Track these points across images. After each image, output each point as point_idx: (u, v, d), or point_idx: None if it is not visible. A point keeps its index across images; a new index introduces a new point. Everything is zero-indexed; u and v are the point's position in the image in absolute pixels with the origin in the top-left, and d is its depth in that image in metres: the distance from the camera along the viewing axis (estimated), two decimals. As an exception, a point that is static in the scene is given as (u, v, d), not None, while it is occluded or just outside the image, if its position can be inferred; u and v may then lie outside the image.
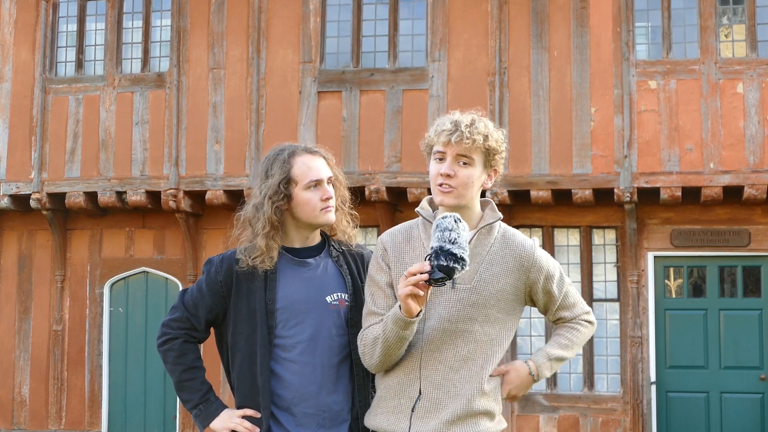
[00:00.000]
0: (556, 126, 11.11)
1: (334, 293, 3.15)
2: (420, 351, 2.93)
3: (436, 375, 2.92)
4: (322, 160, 3.17)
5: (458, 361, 2.92)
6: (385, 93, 11.50)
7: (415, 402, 2.92)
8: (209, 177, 11.68)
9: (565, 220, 11.50)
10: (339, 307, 3.15)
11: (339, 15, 11.83)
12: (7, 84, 12.35)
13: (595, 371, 11.42)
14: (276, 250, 3.11)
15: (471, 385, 2.91)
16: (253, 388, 3.08)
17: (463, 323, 2.91)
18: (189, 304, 3.16)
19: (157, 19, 12.27)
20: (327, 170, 3.17)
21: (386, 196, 11.30)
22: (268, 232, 3.10)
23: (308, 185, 3.12)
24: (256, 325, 3.08)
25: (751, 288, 11.37)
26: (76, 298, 12.52)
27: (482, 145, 2.92)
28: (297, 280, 3.13)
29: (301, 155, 3.15)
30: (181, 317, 3.16)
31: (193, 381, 3.15)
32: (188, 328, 3.16)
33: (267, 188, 3.13)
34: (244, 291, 3.11)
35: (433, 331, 2.92)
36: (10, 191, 12.13)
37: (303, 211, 3.13)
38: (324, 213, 3.13)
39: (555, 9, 11.27)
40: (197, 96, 11.87)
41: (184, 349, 3.15)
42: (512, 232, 3.06)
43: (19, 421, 12.58)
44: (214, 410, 3.13)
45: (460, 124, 2.92)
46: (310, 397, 3.08)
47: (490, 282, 2.94)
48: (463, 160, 2.92)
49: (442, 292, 2.92)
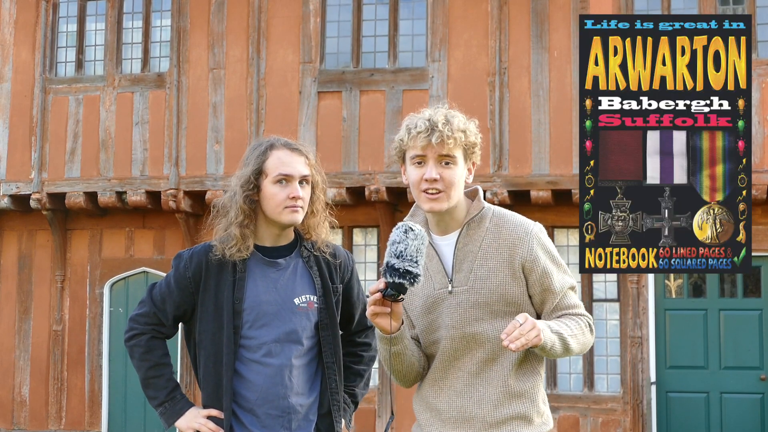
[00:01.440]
0: (556, 126, 11.11)
1: (303, 295, 3.11)
2: (439, 362, 2.85)
3: (458, 383, 2.82)
4: (301, 159, 3.10)
5: (477, 365, 2.80)
6: (385, 93, 11.50)
7: (443, 414, 2.84)
8: (209, 177, 11.68)
9: (565, 220, 11.49)
10: (308, 309, 3.10)
11: (339, 15, 11.83)
12: (7, 84, 12.34)
13: (595, 371, 11.42)
14: (251, 239, 3.06)
15: (495, 388, 2.78)
16: (217, 388, 3.06)
17: (469, 326, 2.79)
18: (157, 299, 3.12)
19: (157, 19, 12.26)
20: (303, 169, 3.08)
21: (386, 196, 11.30)
22: (241, 221, 3.05)
23: (276, 179, 3.05)
24: (222, 324, 3.04)
25: (751, 288, 11.37)
26: (76, 298, 12.51)
27: (464, 142, 2.78)
28: (265, 281, 3.09)
29: (279, 149, 3.10)
30: (149, 312, 3.12)
31: (159, 378, 3.11)
32: (155, 324, 3.12)
33: (240, 177, 3.11)
34: (212, 288, 3.07)
35: (444, 341, 2.83)
36: (10, 191, 12.13)
37: (268, 205, 3.07)
38: (288, 212, 3.05)
39: (555, 9, 11.27)
40: (197, 96, 11.87)
41: (151, 345, 3.11)
42: (505, 217, 2.85)
43: (19, 421, 12.58)
44: (179, 409, 3.09)
45: (436, 123, 2.75)
46: (275, 398, 3.05)
47: (487, 278, 2.79)
48: (445, 161, 2.77)
49: (442, 298, 2.84)
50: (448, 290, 2.82)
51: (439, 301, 2.84)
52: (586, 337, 2.83)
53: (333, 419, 3.15)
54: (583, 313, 2.85)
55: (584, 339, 2.81)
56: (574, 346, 2.76)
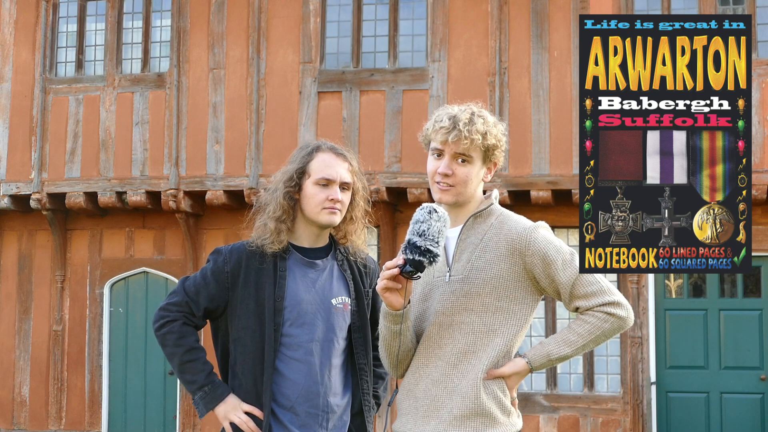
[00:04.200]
0: (556, 126, 11.11)
1: (339, 296, 3.17)
2: (423, 348, 2.88)
3: (436, 372, 2.85)
4: (344, 165, 3.17)
5: (456, 356, 2.82)
6: (385, 93, 11.50)
7: (419, 402, 2.87)
8: (209, 177, 11.68)
9: (565, 221, 11.49)
10: (343, 311, 3.16)
11: (339, 15, 11.83)
12: (7, 84, 12.34)
13: (595, 371, 11.42)
14: (285, 234, 3.12)
15: (468, 381, 2.79)
16: (255, 385, 3.06)
17: (458, 315, 2.82)
18: (190, 290, 3.12)
19: (157, 20, 12.26)
20: (345, 174, 3.15)
21: (386, 197, 11.30)
22: (279, 216, 3.11)
23: (318, 181, 3.11)
24: (264, 321, 3.06)
25: (751, 288, 11.37)
26: (76, 299, 12.51)
27: (481, 144, 2.83)
28: (305, 280, 3.13)
29: (325, 152, 3.17)
30: (181, 302, 3.12)
31: (196, 362, 3.10)
32: (187, 312, 3.11)
33: (284, 174, 3.17)
34: (252, 284, 3.09)
35: (431, 327, 2.87)
36: (10, 191, 12.13)
37: (307, 204, 3.12)
38: (326, 213, 3.11)
39: (555, 9, 11.27)
40: (197, 96, 11.87)
41: (184, 330, 3.10)
42: (510, 217, 2.91)
43: (19, 421, 12.58)
44: (220, 394, 3.07)
45: (458, 122, 2.82)
46: (314, 397, 3.08)
47: (483, 269, 2.82)
48: (461, 158, 2.84)
49: (438, 286, 2.88)
50: (445, 279, 2.87)
51: (435, 288, 2.89)
52: (602, 330, 2.79)
53: (364, 419, 3.20)
54: (601, 303, 2.79)
55: (597, 332, 2.79)
56: (579, 352, 2.82)
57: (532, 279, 2.83)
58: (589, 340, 2.80)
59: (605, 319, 2.79)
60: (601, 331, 2.79)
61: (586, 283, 2.79)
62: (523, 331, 2.87)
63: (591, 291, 2.79)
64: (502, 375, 2.81)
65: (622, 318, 2.79)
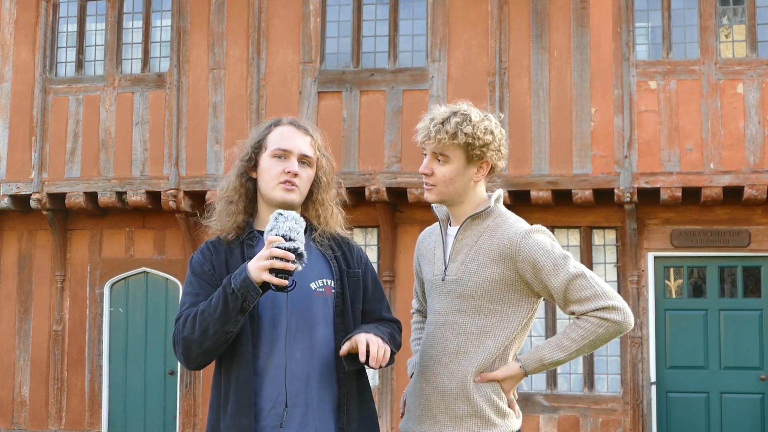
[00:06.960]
0: (556, 126, 11.10)
1: (320, 279, 2.87)
2: (423, 347, 2.92)
3: (429, 372, 2.85)
4: (305, 138, 2.90)
5: (447, 356, 2.81)
6: (385, 93, 11.50)
7: (416, 401, 2.89)
8: (209, 177, 11.68)
9: (565, 221, 11.49)
10: (325, 295, 2.86)
11: (339, 15, 11.83)
12: (8, 84, 12.35)
13: (595, 371, 11.42)
14: (238, 216, 2.85)
15: (458, 382, 2.79)
16: (239, 382, 2.83)
17: (452, 315, 2.83)
18: (190, 294, 2.86)
19: (157, 20, 12.27)
20: (306, 148, 2.88)
21: (386, 197, 11.30)
22: (228, 196, 2.88)
23: (274, 152, 2.85)
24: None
25: (751, 288, 11.37)
26: (76, 299, 12.52)
27: (450, 143, 2.79)
28: None
29: (283, 125, 2.92)
30: (188, 303, 2.85)
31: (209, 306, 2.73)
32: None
33: (240, 151, 2.94)
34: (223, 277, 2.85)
35: (428, 326, 2.89)
36: (11, 191, 12.14)
37: (262, 180, 2.86)
38: (281, 188, 2.82)
39: (555, 9, 11.27)
40: (197, 96, 11.87)
41: (189, 312, 2.79)
42: (506, 220, 2.86)
43: (19, 421, 12.59)
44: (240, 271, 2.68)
45: (432, 122, 2.83)
46: (295, 395, 2.91)
47: (475, 272, 2.80)
48: (439, 158, 2.85)
49: (436, 285, 2.90)
50: (441, 278, 2.89)
51: (434, 286, 2.92)
52: (596, 335, 2.73)
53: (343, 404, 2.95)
54: (595, 307, 2.72)
55: (590, 337, 2.73)
56: (572, 357, 2.77)
57: (526, 283, 2.80)
58: (582, 345, 2.75)
59: (599, 324, 2.73)
60: (595, 336, 2.73)
61: (580, 287, 2.74)
62: (523, 333, 2.86)
63: (585, 296, 2.73)
64: (495, 379, 2.80)
65: (618, 323, 2.72)
